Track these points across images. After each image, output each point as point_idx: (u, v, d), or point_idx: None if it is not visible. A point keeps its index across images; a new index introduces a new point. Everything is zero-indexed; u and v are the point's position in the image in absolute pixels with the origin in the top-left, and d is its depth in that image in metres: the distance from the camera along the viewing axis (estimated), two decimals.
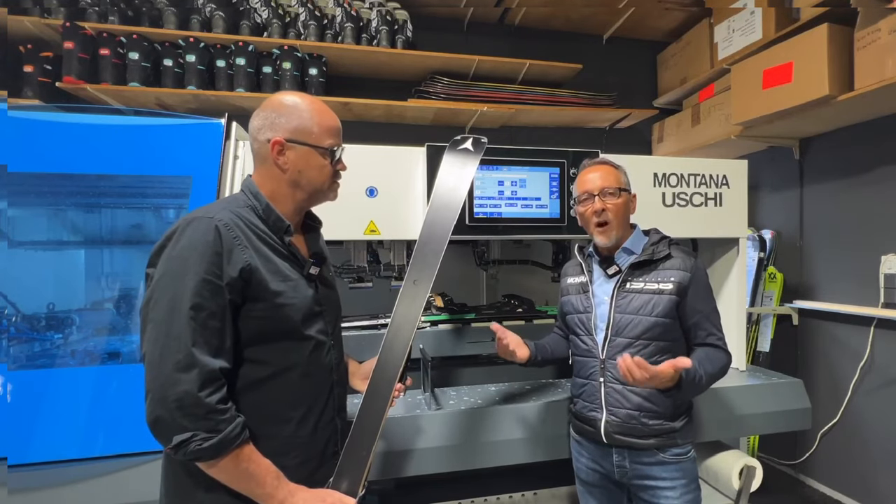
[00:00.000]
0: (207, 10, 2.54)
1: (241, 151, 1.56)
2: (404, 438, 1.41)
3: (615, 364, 1.30)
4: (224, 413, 0.87)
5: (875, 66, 1.95)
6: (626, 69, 3.33)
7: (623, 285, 1.38)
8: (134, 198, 1.80)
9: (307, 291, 1.04)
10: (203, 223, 0.93)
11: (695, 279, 1.35)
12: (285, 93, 1.08)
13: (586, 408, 1.41)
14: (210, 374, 0.87)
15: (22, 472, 1.30)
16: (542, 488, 1.78)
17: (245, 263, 0.93)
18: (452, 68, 2.79)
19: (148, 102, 2.51)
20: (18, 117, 1.43)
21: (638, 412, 1.32)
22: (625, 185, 1.41)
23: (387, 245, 1.81)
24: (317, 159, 1.04)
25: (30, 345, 1.63)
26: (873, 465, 2.39)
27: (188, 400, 0.84)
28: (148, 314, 0.90)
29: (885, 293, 2.28)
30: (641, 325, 1.33)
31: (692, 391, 1.29)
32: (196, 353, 0.86)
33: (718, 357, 1.33)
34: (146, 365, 0.88)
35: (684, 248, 1.42)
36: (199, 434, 0.84)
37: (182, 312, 0.87)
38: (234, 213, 0.98)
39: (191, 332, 0.87)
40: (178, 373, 0.85)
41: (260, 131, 1.03)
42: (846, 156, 2.52)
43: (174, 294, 0.88)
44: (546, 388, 1.73)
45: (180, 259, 0.90)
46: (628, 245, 1.41)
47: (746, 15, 2.58)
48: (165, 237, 0.95)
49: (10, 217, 1.69)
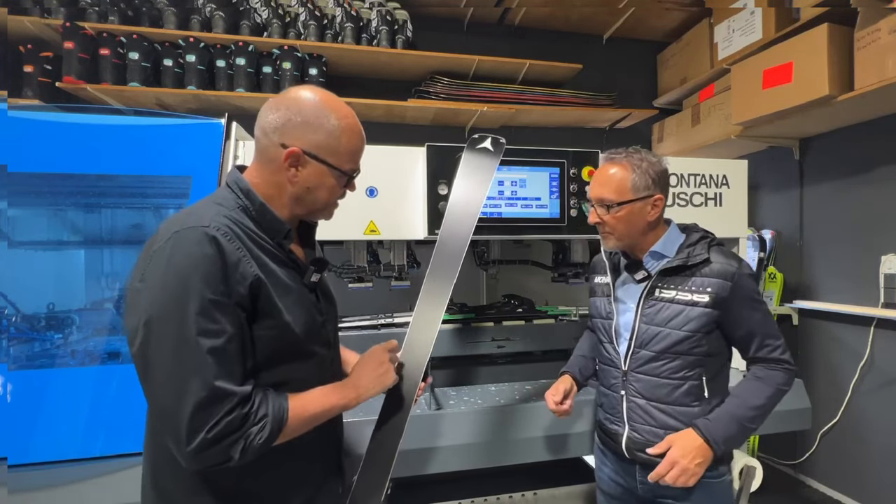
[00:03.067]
0: (207, 10, 2.54)
1: (241, 151, 1.56)
2: (404, 438, 1.40)
3: (638, 377, 1.23)
4: (256, 404, 0.79)
5: (875, 66, 1.95)
6: (626, 69, 3.33)
7: (651, 293, 1.23)
8: (134, 198, 1.80)
9: (309, 302, 0.95)
10: (196, 234, 0.79)
11: (737, 289, 1.17)
12: (315, 91, 0.92)
13: (608, 419, 1.33)
14: (242, 399, 0.78)
15: (22, 472, 1.30)
16: (543, 488, 1.78)
17: (254, 277, 0.82)
18: (452, 68, 2.79)
19: (148, 102, 2.51)
20: (18, 117, 1.43)
21: (663, 430, 1.20)
22: (630, 195, 1.21)
23: (387, 245, 1.81)
24: (331, 181, 0.93)
25: (30, 345, 1.63)
26: (873, 465, 2.39)
27: (225, 431, 0.75)
28: (147, 353, 0.76)
29: (885, 293, 2.28)
30: (669, 339, 1.19)
31: (736, 440, 1.16)
32: (223, 386, 0.76)
33: (768, 377, 1.18)
34: (159, 414, 0.78)
35: (727, 251, 1.25)
36: (250, 436, 0.78)
37: (193, 343, 0.75)
38: (227, 217, 0.85)
39: (210, 365, 0.75)
40: (203, 412, 0.74)
41: (275, 131, 0.89)
42: (846, 156, 2.52)
43: (179, 324, 0.75)
44: (546, 388, 1.72)
45: (177, 280, 0.76)
46: (658, 248, 1.25)
47: (746, 15, 2.58)
48: (149, 255, 0.80)
49: (10, 217, 1.69)
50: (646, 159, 1.22)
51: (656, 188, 1.22)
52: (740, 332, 1.20)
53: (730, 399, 1.20)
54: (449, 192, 1.59)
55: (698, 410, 1.19)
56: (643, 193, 1.21)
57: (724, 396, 1.23)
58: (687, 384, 1.20)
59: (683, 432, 1.16)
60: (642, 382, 1.24)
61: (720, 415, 1.17)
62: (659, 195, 1.23)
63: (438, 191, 1.61)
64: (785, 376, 1.19)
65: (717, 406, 1.21)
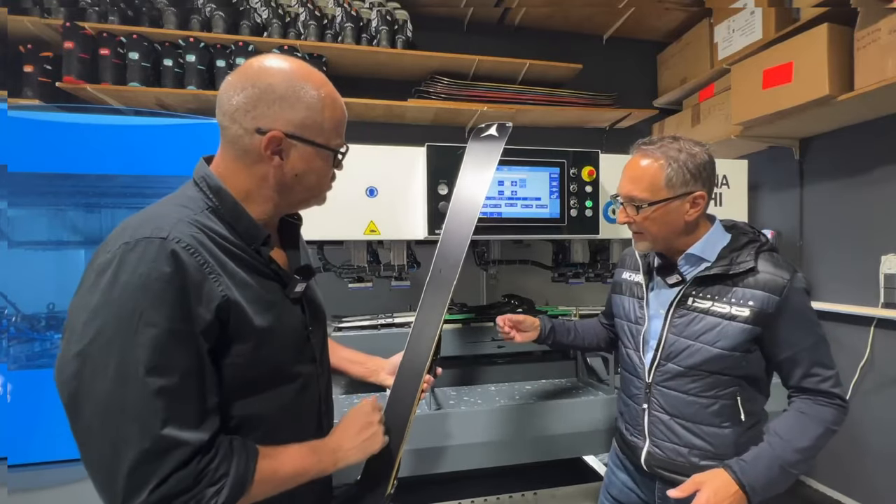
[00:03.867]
0: (207, 10, 2.54)
1: None
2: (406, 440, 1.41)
3: (663, 391, 1.11)
4: (216, 459, 0.66)
5: (875, 66, 1.95)
6: (626, 69, 3.32)
7: (684, 301, 1.09)
8: (134, 198, 1.80)
9: (294, 316, 0.82)
10: (152, 247, 0.64)
11: (787, 304, 1.01)
12: (282, 60, 0.77)
13: (629, 431, 1.22)
14: (197, 449, 0.64)
15: (22, 472, 1.30)
16: (542, 488, 1.78)
17: (221, 298, 0.68)
18: (452, 68, 2.79)
19: (148, 102, 2.51)
20: (18, 117, 1.43)
21: (687, 449, 1.08)
22: (665, 193, 1.05)
23: (387, 245, 1.81)
24: (320, 162, 0.81)
25: (30, 345, 1.63)
26: (873, 465, 2.39)
27: (173, 491, 0.61)
28: (79, 392, 0.62)
29: (885, 293, 2.28)
30: (699, 355, 1.05)
31: (776, 487, 1.00)
32: (172, 434, 0.61)
33: (816, 414, 1.02)
34: (91, 467, 0.63)
35: (778, 259, 1.08)
36: (203, 498, 0.64)
37: (138, 382, 0.61)
38: (193, 224, 0.70)
39: (157, 409, 0.61)
40: (146, 466, 0.60)
41: (245, 114, 0.74)
42: (846, 156, 2.52)
43: (121, 358, 0.61)
44: (546, 388, 1.73)
45: (122, 303, 0.62)
46: (696, 250, 1.09)
47: (746, 15, 2.58)
48: (95, 270, 0.65)
49: (10, 217, 1.69)
50: (685, 150, 1.06)
51: (696, 183, 1.05)
52: (784, 356, 1.04)
53: (769, 437, 1.03)
54: (451, 187, 1.59)
55: (730, 433, 1.06)
56: (680, 191, 1.04)
57: (760, 416, 1.12)
58: (718, 404, 1.07)
59: (714, 473, 1.00)
60: (668, 398, 1.11)
61: (758, 456, 1.00)
62: (700, 192, 1.06)
63: (438, 191, 1.61)
64: (836, 414, 1.03)
65: (753, 427, 1.09)
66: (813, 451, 1.02)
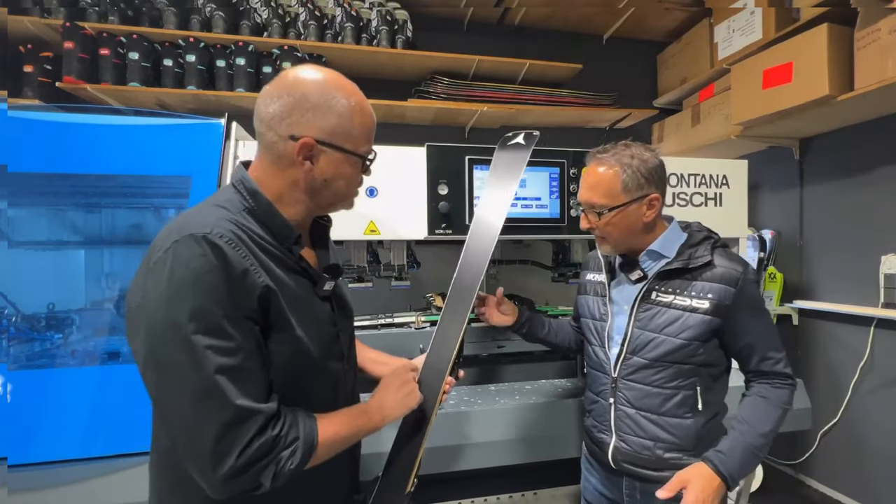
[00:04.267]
0: (207, 10, 2.54)
1: (241, 151, 1.56)
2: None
3: (628, 385, 1.16)
4: (285, 426, 0.74)
5: (875, 66, 1.95)
6: (626, 69, 3.32)
7: (647, 296, 1.15)
8: (134, 198, 1.80)
9: (323, 313, 0.87)
10: (197, 242, 0.71)
11: (742, 294, 1.09)
12: (315, 70, 0.83)
13: (595, 427, 1.26)
14: (269, 418, 0.72)
15: (22, 472, 1.30)
16: (542, 488, 1.78)
17: (262, 288, 0.74)
18: (452, 68, 2.79)
19: (148, 102, 2.51)
20: (18, 117, 1.43)
21: (652, 442, 1.13)
22: (622, 198, 1.11)
23: (387, 245, 1.81)
24: (349, 168, 0.85)
25: (30, 345, 1.63)
26: (873, 465, 2.39)
27: (256, 456, 0.70)
28: (159, 381, 0.71)
29: (885, 293, 2.28)
30: (664, 347, 1.11)
31: (749, 470, 1.09)
32: (246, 405, 0.70)
33: (775, 397, 1.11)
34: (179, 442, 0.71)
35: (731, 254, 1.16)
36: (280, 461, 0.72)
37: (208, 365, 0.68)
38: (232, 222, 0.77)
39: (230, 385, 0.69)
40: (230, 434, 0.68)
41: (281, 122, 0.79)
42: (846, 156, 2.52)
43: (189, 346, 0.68)
44: (546, 388, 1.73)
45: (180, 297, 0.69)
46: (657, 247, 1.15)
47: (746, 15, 2.58)
48: (147, 268, 0.73)
49: (10, 217, 1.69)
50: (637, 156, 1.12)
51: (651, 186, 1.12)
52: (742, 343, 1.12)
53: (739, 426, 1.11)
54: (451, 187, 1.60)
55: (691, 423, 1.13)
56: (637, 194, 1.11)
57: (719, 408, 1.19)
58: (680, 394, 1.13)
59: (696, 469, 1.06)
60: (633, 391, 1.16)
61: (733, 446, 1.08)
62: (654, 194, 1.12)
63: (438, 191, 1.61)
64: (789, 394, 1.13)
65: (713, 418, 1.15)
66: (775, 433, 1.10)
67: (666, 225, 1.19)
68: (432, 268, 2.19)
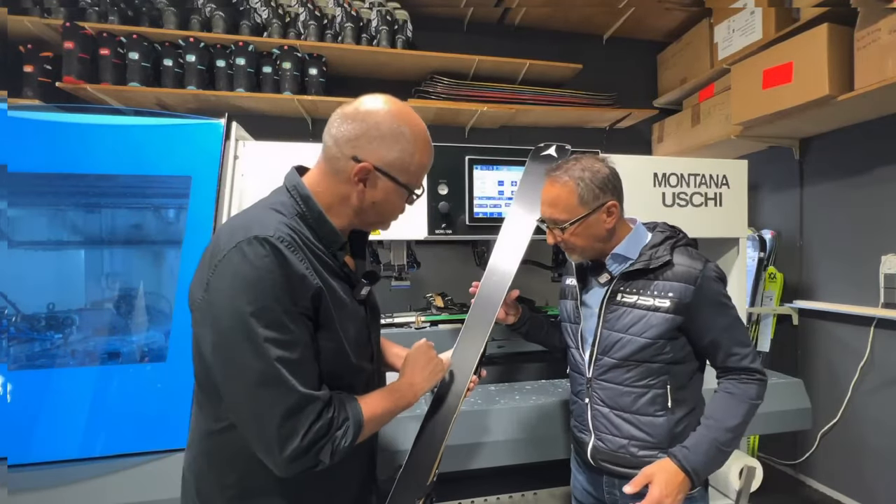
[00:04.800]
0: (207, 10, 2.54)
1: (240, 151, 1.56)
2: (404, 438, 1.41)
3: (602, 384, 1.19)
4: (335, 409, 0.82)
5: (875, 66, 1.95)
6: (626, 69, 3.33)
7: (613, 297, 1.18)
8: (134, 198, 1.80)
9: (358, 316, 0.93)
10: (261, 244, 0.77)
11: (701, 292, 1.11)
12: (391, 104, 0.90)
13: (577, 428, 1.30)
14: (325, 404, 0.80)
15: (22, 472, 1.30)
16: (542, 488, 1.77)
17: (315, 288, 0.81)
18: (452, 68, 2.79)
19: (148, 102, 2.51)
20: (18, 117, 1.42)
21: (627, 440, 1.16)
22: (581, 210, 1.14)
23: (387, 245, 1.81)
24: (397, 198, 0.92)
25: (30, 345, 1.63)
26: (873, 465, 2.39)
27: (316, 437, 0.77)
28: (226, 377, 0.78)
29: (885, 293, 2.28)
30: (630, 346, 1.14)
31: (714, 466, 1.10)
32: (307, 392, 0.77)
33: (741, 392, 1.12)
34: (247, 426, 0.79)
35: (693, 252, 1.19)
36: (335, 440, 0.80)
37: (271, 356, 0.75)
38: (289, 226, 0.83)
39: (291, 375, 0.76)
40: (293, 419, 0.76)
41: (348, 142, 0.86)
42: (846, 156, 2.52)
43: (253, 340, 0.75)
44: (546, 388, 1.73)
45: (245, 294, 0.75)
46: (621, 249, 1.19)
47: (746, 15, 2.58)
48: (212, 265, 0.79)
49: (10, 217, 1.69)
50: (588, 168, 1.16)
51: (606, 195, 1.15)
52: (706, 340, 1.14)
53: (705, 421, 1.13)
54: (452, 187, 1.60)
55: (663, 420, 1.14)
56: (594, 205, 1.15)
57: (693, 406, 1.19)
58: (650, 393, 1.15)
59: (661, 464, 1.09)
60: (606, 390, 1.19)
61: (699, 441, 1.10)
62: (612, 201, 1.16)
63: (438, 191, 1.61)
64: (757, 389, 1.13)
65: (686, 416, 1.17)
66: (742, 427, 1.10)
67: (630, 227, 1.22)
68: (432, 268, 2.19)
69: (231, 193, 1.50)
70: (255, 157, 1.56)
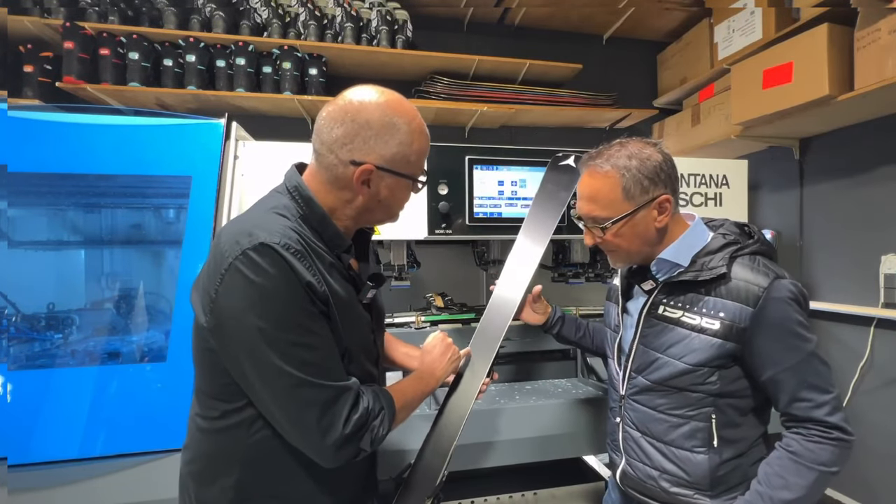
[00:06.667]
0: (207, 10, 2.54)
1: (240, 151, 1.56)
2: (404, 438, 1.41)
3: (633, 405, 1.04)
4: (370, 400, 0.84)
5: (875, 66, 1.95)
6: (626, 69, 3.32)
7: (654, 309, 1.00)
8: (134, 198, 1.80)
9: (363, 319, 0.92)
10: (270, 251, 0.76)
11: (763, 316, 0.89)
12: (378, 94, 0.87)
13: (609, 446, 1.16)
14: (357, 393, 0.82)
15: (22, 472, 1.30)
16: (542, 488, 1.78)
17: (323, 292, 0.81)
18: (452, 68, 2.79)
19: (148, 102, 2.51)
20: (18, 117, 1.42)
21: (658, 472, 1.00)
22: (626, 206, 0.95)
23: (387, 245, 1.81)
24: (404, 190, 0.91)
25: (30, 345, 1.63)
26: (873, 465, 2.39)
27: (356, 427, 0.80)
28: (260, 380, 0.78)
29: (885, 293, 2.28)
30: (666, 370, 0.96)
31: None
32: (338, 384, 0.80)
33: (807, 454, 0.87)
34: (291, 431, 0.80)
35: (759, 264, 0.95)
36: (374, 429, 0.84)
37: (298, 356, 0.76)
38: (295, 231, 0.82)
39: (318, 373, 0.78)
40: (331, 411, 0.78)
41: (342, 147, 0.82)
42: (846, 156, 2.51)
43: (278, 344, 0.75)
44: (546, 388, 1.73)
45: (261, 302, 0.75)
46: (669, 254, 0.98)
47: (746, 15, 2.58)
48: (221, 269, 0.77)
49: (10, 217, 1.69)
50: (635, 155, 0.96)
51: (658, 187, 0.95)
52: (766, 377, 0.91)
53: (755, 486, 0.92)
54: (451, 187, 1.60)
55: (703, 459, 0.95)
56: (642, 199, 0.95)
57: (747, 448, 0.99)
58: (689, 425, 0.97)
59: None
60: (637, 412, 1.04)
61: None
62: (664, 195, 0.96)
63: (438, 191, 1.61)
64: (832, 452, 0.87)
65: (735, 459, 0.96)
66: (804, 502, 0.89)
67: (687, 225, 1.02)
68: (432, 268, 2.19)
69: (231, 193, 1.51)
70: (255, 157, 1.56)
